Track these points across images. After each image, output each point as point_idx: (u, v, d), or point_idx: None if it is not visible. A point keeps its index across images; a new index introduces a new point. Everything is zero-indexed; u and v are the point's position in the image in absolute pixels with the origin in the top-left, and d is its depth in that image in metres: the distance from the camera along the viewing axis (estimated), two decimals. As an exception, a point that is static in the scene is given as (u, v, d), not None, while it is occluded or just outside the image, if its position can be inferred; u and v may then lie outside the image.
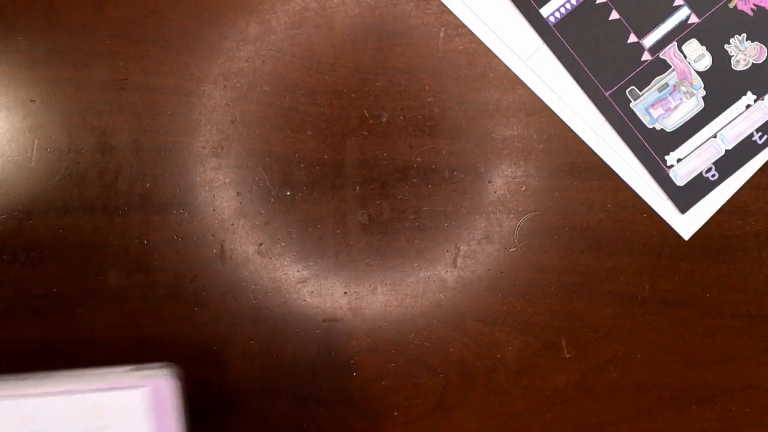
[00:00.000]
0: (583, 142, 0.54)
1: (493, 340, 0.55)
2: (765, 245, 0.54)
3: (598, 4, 0.53)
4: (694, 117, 0.54)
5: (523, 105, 0.54)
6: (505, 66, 0.54)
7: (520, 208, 0.54)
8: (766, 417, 0.54)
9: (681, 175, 0.54)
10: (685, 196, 0.54)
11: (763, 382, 0.54)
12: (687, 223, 0.54)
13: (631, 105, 0.54)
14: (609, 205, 0.54)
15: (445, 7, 0.53)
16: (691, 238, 0.54)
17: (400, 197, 0.54)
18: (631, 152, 0.54)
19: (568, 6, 0.53)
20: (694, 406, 0.54)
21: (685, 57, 0.53)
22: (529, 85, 0.54)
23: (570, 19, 0.53)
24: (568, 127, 0.54)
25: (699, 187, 0.54)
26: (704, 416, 0.54)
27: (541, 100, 0.54)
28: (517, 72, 0.54)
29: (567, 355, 0.54)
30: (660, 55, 0.53)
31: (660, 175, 0.54)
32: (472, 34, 0.53)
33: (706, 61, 0.53)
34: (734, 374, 0.54)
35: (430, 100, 0.54)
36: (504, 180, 0.54)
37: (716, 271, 0.54)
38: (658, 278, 0.54)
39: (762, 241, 0.54)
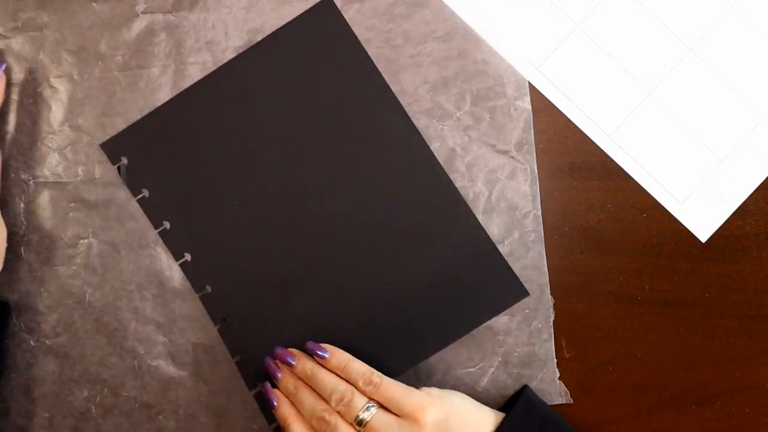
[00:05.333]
0: (583, 143, 0.54)
1: (492, 340, 0.54)
2: (765, 245, 0.54)
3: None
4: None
5: (523, 104, 0.54)
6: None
7: (520, 208, 0.54)
8: (766, 417, 0.54)
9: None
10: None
11: (763, 382, 0.54)
12: (705, 225, 0.54)
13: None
14: (609, 205, 0.54)
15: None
16: (690, 238, 0.54)
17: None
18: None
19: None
20: (694, 406, 0.54)
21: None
22: (539, 88, 0.54)
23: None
24: (568, 127, 0.54)
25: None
26: (704, 416, 0.54)
27: (541, 101, 0.54)
28: (527, 76, 0.54)
29: (567, 355, 0.54)
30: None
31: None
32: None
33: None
34: (734, 374, 0.54)
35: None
36: (504, 179, 0.54)
37: (716, 271, 0.54)
38: (658, 278, 0.54)
39: (762, 241, 0.54)
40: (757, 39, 0.54)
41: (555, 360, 0.54)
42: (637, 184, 0.54)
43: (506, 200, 0.54)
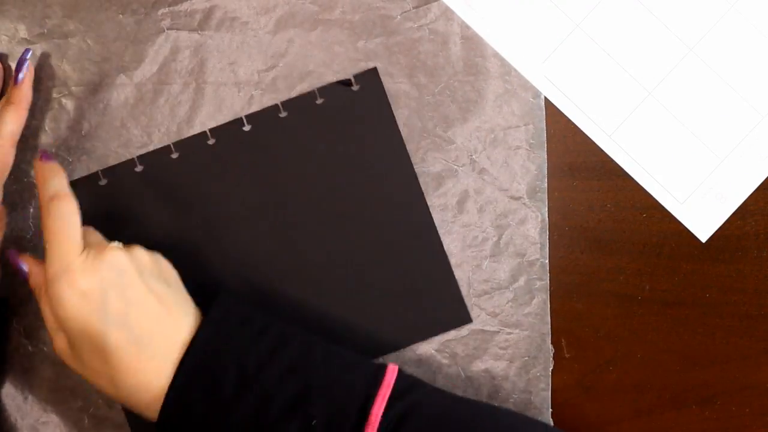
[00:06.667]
0: (583, 143, 0.54)
1: (493, 340, 0.55)
2: (765, 245, 0.54)
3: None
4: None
5: (522, 106, 0.54)
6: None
7: (519, 209, 0.54)
8: (766, 417, 0.54)
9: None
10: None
11: (763, 382, 0.54)
12: (705, 225, 0.54)
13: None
14: (609, 205, 0.54)
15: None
16: (690, 238, 0.54)
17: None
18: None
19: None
20: (694, 406, 0.54)
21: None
22: (539, 88, 0.54)
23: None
24: (568, 127, 0.54)
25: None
26: (704, 416, 0.54)
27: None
28: (528, 77, 0.54)
29: (567, 355, 0.54)
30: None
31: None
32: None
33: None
34: (734, 374, 0.54)
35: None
36: (503, 181, 0.54)
37: (716, 271, 0.54)
38: (658, 278, 0.54)
39: (762, 241, 0.54)
40: (757, 39, 0.53)
41: (551, 410, 0.53)
42: (637, 184, 0.54)
43: (515, 246, 0.54)
